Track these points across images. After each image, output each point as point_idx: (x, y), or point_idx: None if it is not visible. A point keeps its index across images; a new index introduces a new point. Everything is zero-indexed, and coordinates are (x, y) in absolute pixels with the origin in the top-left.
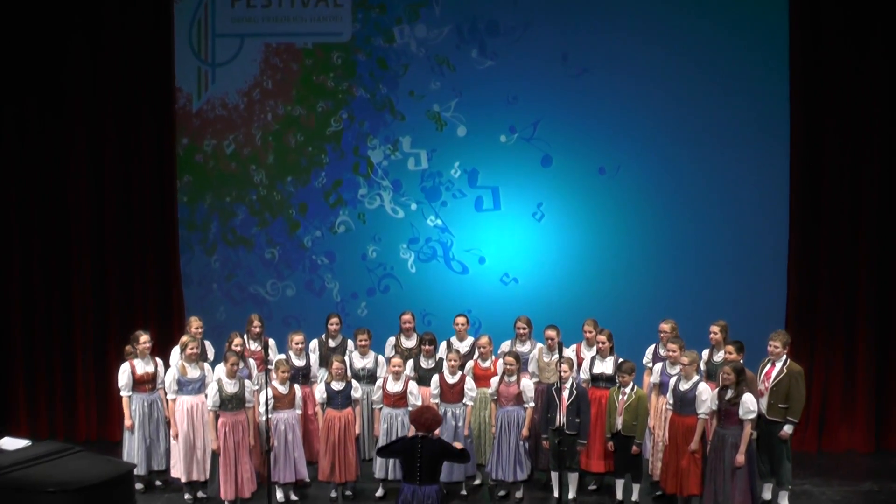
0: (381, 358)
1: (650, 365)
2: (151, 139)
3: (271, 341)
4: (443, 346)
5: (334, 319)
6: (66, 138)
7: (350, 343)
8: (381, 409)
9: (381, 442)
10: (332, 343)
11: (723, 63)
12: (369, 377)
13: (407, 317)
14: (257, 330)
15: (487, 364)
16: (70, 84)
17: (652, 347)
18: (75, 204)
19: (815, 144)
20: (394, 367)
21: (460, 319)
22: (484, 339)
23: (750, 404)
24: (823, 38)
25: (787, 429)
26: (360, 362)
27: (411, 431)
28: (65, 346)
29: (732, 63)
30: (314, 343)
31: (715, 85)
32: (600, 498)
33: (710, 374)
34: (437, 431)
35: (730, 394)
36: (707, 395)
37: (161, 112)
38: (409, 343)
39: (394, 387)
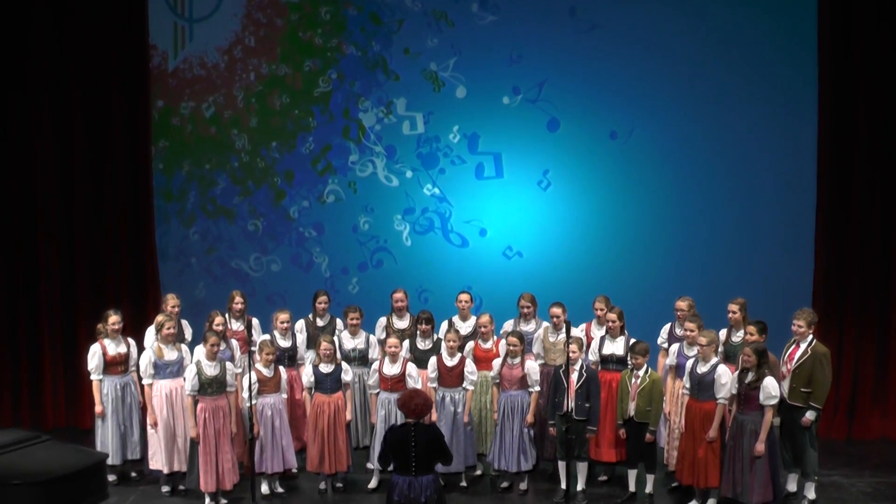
0: (372, 338)
1: (665, 346)
2: (124, 102)
3: (255, 320)
4: (443, 325)
5: (323, 297)
6: (30, 102)
7: (340, 322)
8: (377, 393)
9: (380, 431)
10: (320, 322)
11: (747, 22)
12: (360, 359)
13: (399, 295)
14: (239, 308)
15: (489, 345)
16: (34, 43)
17: (667, 327)
18: (41, 173)
19: (845, 109)
20: (390, 348)
21: (464, 297)
22: (485, 318)
23: (771, 388)
24: None
25: (809, 415)
26: (351, 343)
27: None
28: (30, 327)
29: (758, 23)
30: (301, 322)
31: (738, 43)
32: (611, 489)
33: (730, 356)
34: (433, 416)
35: (750, 377)
36: (727, 378)
37: (134, 72)
38: (402, 324)
39: (391, 369)
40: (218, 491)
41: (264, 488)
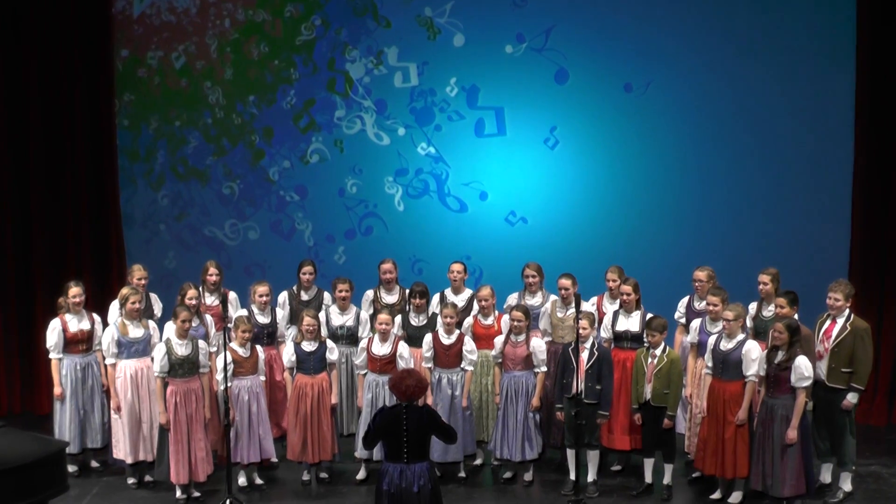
0: (363, 314)
1: (682, 321)
2: (83, 51)
3: (231, 294)
4: (435, 299)
5: (308, 267)
6: None
7: (327, 296)
8: (364, 374)
9: (366, 415)
10: (305, 296)
11: None
12: (349, 337)
13: (387, 266)
14: (214, 280)
15: (490, 321)
16: None
17: (685, 300)
18: None
19: (887, 64)
20: (381, 324)
21: (456, 267)
22: (486, 291)
23: (804, 369)
24: None
25: (851, 397)
26: (339, 319)
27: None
28: None
29: None
30: (283, 296)
31: None
32: (625, 480)
33: (759, 332)
34: (429, 399)
35: (780, 356)
36: (756, 355)
37: (95, 17)
38: (390, 298)
39: (381, 348)
40: (190, 483)
41: (241, 480)
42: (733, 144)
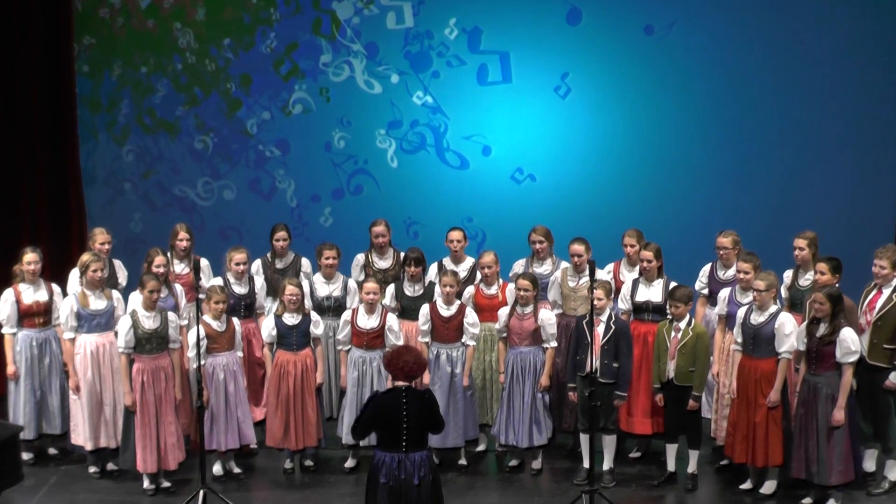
0: (352, 284)
1: (705, 291)
2: None
3: (204, 261)
4: (433, 268)
5: (281, 233)
6: None
7: (305, 263)
8: (347, 350)
9: (350, 396)
10: (279, 264)
11: None
12: (336, 309)
13: (379, 228)
14: (184, 245)
15: (493, 290)
16: None
17: (707, 269)
18: None
19: None
20: (367, 294)
21: (455, 235)
22: (489, 258)
23: (850, 342)
24: None
25: (894, 377)
26: (326, 289)
27: (389, 382)
28: None
29: None
30: (256, 263)
31: None
32: (645, 468)
33: (794, 303)
34: (425, 380)
35: (823, 329)
36: (791, 328)
37: None
38: (383, 263)
39: (367, 321)
40: (159, 471)
41: (216, 468)
42: (767, 95)
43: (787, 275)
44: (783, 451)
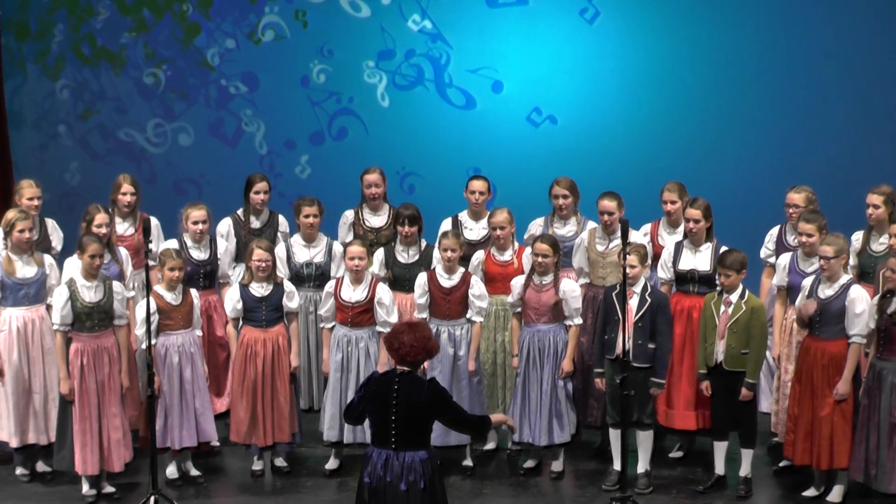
0: (337, 247)
1: (772, 260)
2: None
3: (153, 220)
4: (444, 225)
5: (261, 184)
6: None
7: (283, 222)
8: (331, 328)
9: (333, 383)
10: (255, 223)
11: None
12: (318, 278)
13: (373, 177)
14: (129, 200)
15: (507, 256)
16: None
17: (774, 232)
18: None
19: None
20: (351, 259)
21: (478, 185)
22: (501, 216)
23: None
24: None
25: None
26: (305, 254)
27: (381, 367)
28: None
29: None
30: (226, 224)
31: None
32: (689, 471)
33: (865, 272)
34: (426, 365)
35: (895, 305)
36: (863, 307)
37: None
38: (377, 220)
39: (352, 293)
40: (102, 474)
41: (170, 470)
42: (838, 23)
43: (857, 238)
44: (851, 450)
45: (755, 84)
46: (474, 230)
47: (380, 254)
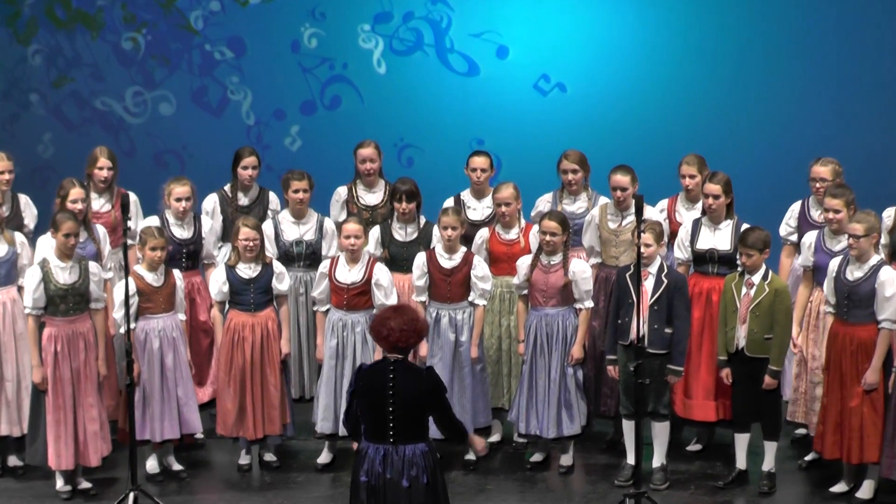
0: (329, 224)
1: (793, 238)
2: None
3: (132, 196)
4: (447, 203)
5: (250, 158)
6: None
7: (274, 199)
8: (326, 311)
9: (328, 374)
10: (243, 199)
11: None
12: (309, 257)
13: (367, 151)
14: (107, 175)
15: (512, 235)
16: None
17: (796, 207)
18: None
19: None
20: (346, 237)
21: (480, 161)
22: (507, 192)
23: None
24: None
25: None
26: (296, 231)
27: (378, 354)
28: None
29: None
30: (211, 200)
31: None
32: (708, 465)
33: None
34: (422, 350)
35: None
36: (893, 289)
37: None
38: (372, 198)
39: (347, 274)
40: (77, 469)
41: (151, 465)
42: None
43: (889, 214)
44: (882, 443)
45: (782, 49)
46: (478, 210)
47: (375, 231)
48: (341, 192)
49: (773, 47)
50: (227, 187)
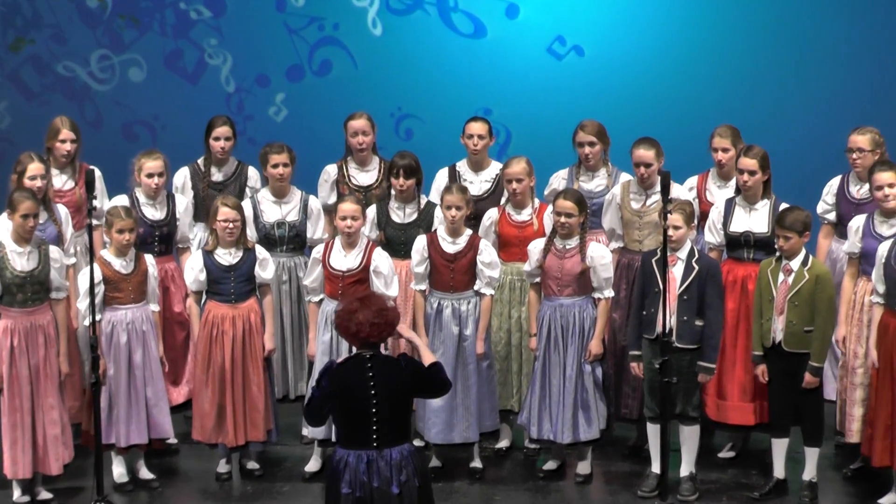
0: (313, 202)
1: (830, 216)
2: None
3: (97, 172)
4: (438, 176)
5: (223, 128)
6: None
7: (254, 174)
8: (319, 302)
9: (321, 366)
10: (217, 175)
11: None
12: (293, 241)
13: (359, 123)
14: (69, 149)
15: (524, 215)
16: None
17: (835, 183)
18: None
19: None
20: (343, 218)
21: (475, 127)
22: (518, 167)
23: None
24: None
25: None
26: (277, 211)
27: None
28: None
29: None
30: (182, 175)
31: None
32: (742, 473)
33: None
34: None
35: None
36: None
37: None
38: (365, 176)
39: (343, 259)
40: (36, 477)
41: (119, 472)
42: None
43: None
44: None
45: (826, 7)
46: (475, 183)
47: (371, 211)
48: (330, 171)
49: (817, 5)
50: (199, 161)
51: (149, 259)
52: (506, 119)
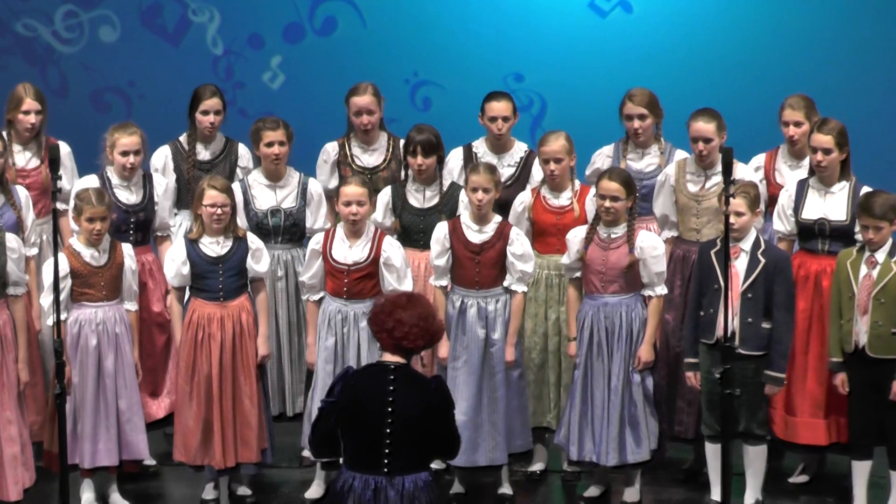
0: (314, 186)
1: None
2: None
3: (64, 147)
4: (454, 155)
5: (211, 101)
6: None
7: (244, 152)
8: (319, 300)
9: (323, 381)
10: (205, 153)
11: None
12: (290, 230)
13: (363, 99)
14: (33, 121)
15: (563, 200)
16: None
17: None
18: None
19: None
20: (347, 203)
21: (497, 106)
22: (556, 144)
23: None
24: None
25: None
26: (271, 197)
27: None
28: None
29: None
30: (162, 154)
31: None
32: (816, 501)
33: None
34: (440, 352)
35: None
36: None
37: None
38: (370, 157)
39: (348, 251)
40: None
41: (87, 499)
42: None
43: None
44: None
45: None
46: (499, 166)
47: (385, 195)
48: (330, 150)
49: None
50: (182, 138)
51: (126, 249)
52: (540, 87)
